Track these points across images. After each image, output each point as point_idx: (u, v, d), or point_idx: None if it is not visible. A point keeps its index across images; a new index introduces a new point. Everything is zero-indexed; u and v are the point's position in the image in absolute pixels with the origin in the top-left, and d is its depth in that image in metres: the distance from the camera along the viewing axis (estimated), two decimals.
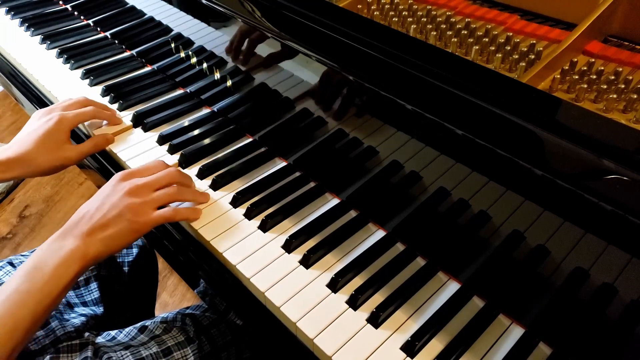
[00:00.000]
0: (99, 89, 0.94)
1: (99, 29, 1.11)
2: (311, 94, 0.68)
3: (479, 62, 0.66)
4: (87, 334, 0.68)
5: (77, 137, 0.87)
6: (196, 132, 0.83)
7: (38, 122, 0.75)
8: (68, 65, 1.00)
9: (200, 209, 0.69)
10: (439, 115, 0.53)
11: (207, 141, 0.80)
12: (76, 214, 0.61)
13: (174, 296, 1.49)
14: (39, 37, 1.07)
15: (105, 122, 0.84)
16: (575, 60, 0.62)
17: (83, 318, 0.72)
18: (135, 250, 0.89)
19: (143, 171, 0.66)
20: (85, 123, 0.83)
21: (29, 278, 0.54)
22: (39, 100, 0.98)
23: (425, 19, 0.72)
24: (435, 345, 0.55)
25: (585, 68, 0.61)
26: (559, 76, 0.61)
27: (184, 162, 0.77)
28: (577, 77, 0.59)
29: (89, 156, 0.83)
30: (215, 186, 0.73)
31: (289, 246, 0.64)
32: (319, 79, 0.66)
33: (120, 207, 0.60)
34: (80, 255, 0.57)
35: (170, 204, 0.67)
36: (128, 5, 1.00)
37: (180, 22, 0.87)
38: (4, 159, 0.70)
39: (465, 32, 0.69)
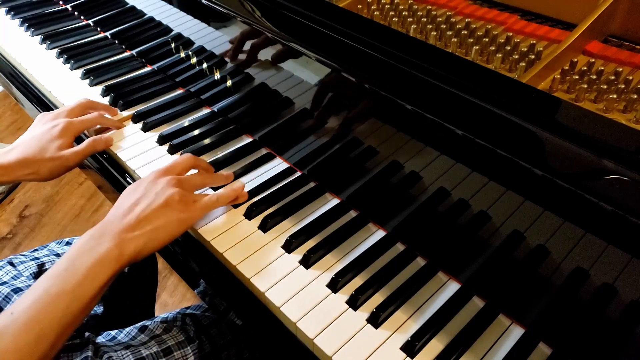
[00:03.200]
0: (99, 89, 0.94)
1: (99, 29, 1.11)
2: (311, 94, 0.68)
3: (479, 62, 0.66)
4: (87, 333, 0.68)
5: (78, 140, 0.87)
6: (196, 132, 0.83)
7: (43, 128, 0.75)
8: (68, 66, 1.00)
9: (245, 191, 0.70)
10: (439, 115, 0.53)
11: (207, 141, 0.80)
12: (111, 213, 0.57)
13: (174, 296, 1.49)
14: (39, 37, 1.08)
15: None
16: (575, 60, 0.62)
17: None
18: None
19: (175, 166, 0.65)
20: None
21: (60, 279, 0.50)
22: (39, 101, 0.98)
23: (425, 19, 0.72)
24: (436, 345, 0.55)
25: (585, 68, 0.61)
26: (559, 76, 0.61)
27: None
28: (577, 77, 0.60)
29: (89, 156, 0.83)
30: (215, 187, 0.72)
31: (289, 246, 0.64)
32: (319, 79, 0.66)
33: (166, 196, 0.57)
34: (116, 256, 0.53)
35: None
36: (128, 5, 1.00)
37: (180, 22, 0.87)
38: (5, 163, 0.70)
39: (465, 32, 0.69)
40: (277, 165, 0.77)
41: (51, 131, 0.73)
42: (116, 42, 1.07)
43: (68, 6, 1.19)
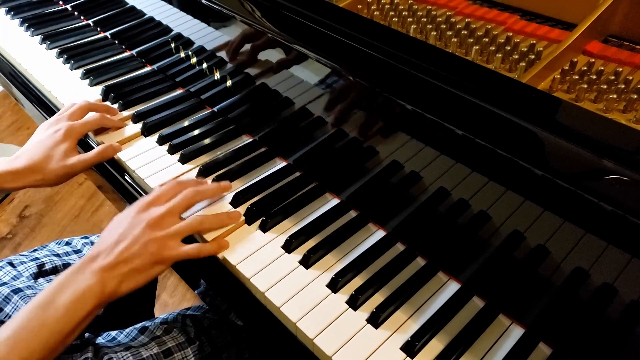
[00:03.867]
0: (99, 89, 0.94)
1: (99, 29, 1.11)
2: (311, 94, 0.68)
3: (479, 62, 0.66)
4: (87, 334, 0.68)
5: (81, 141, 0.87)
6: (196, 132, 0.83)
7: (46, 133, 0.75)
8: (68, 66, 1.00)
9: (227, 242, 0.64)
10: (439, 115, 0.53)
11: (207, 141, 0.80)
12: (96, 247, 0.58)
13: (174, 296, 1.49)
14: (39, 37, 1.07)
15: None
16: (575, 60, 0.62)
17: None
18: None
19: (161, 197, 0.63)
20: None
21: (42, 312, 0.52)
22: (39, 101, 0.98)
23: (425, 19, 0.72)
24: (435, 345, 0.55)
25: (585, 68, 0.61)
26: (559, 76, 0.61)
27: (184, 162, 0.77)
28: (577, 77, 0.60)
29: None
30: None
31: (289, 246, 0.64)
32: (319, 79, 0.66)
33: (143, 241, 0.57)
34: (97, 292, 0.54)
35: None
36: (128, 5, 1.00)
37: (180, 22, 0.87)
38: (13, 169, 0.70)
39: (465, 32, 0.69)
40: (277, 165, 0.77)
41: (54, 136, 0.74)
42: (116, 42, 1.07)
43: (68, 6, 1.18)
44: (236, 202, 0.70)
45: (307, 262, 0.62)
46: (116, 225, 0.60)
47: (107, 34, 1.09)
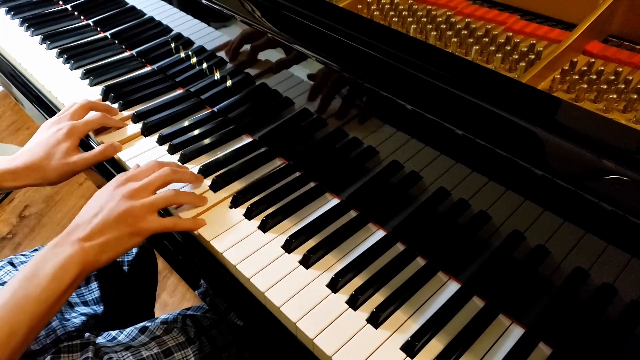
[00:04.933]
0: (99, 89, 0.94)
1: (99, 29, 1.11)
2: (311, 94, 0.68)
3: (479, 62, 0.66)
4: (87, 334, 0.68)
5: (81, 142, 0.87)
6: (196, 132, 0.83)
7: (47, 132, 0.75)
8: (68, 65, 1.00)
9: (204, 219, 0.67)
10: (439, 115, 0.53)
11: (207, 141, 0.80)
12: (74, 221, 0.60)
13: (174, 296, 1.49)
14: (39, 37, 1.07)
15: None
16: (575, 60, 0.62)
17: (83, 317, 0.72)
18: (134, 250, 0.89)
19: (138, 174, 0.66)
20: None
21: (26, 283, 0.54)
22: (39, 101, 0.98)
23: (425, 19, 0.72)
24: (435, 345, 0.55)
25: (585, 68, 0.61)
26: (559, 76, 0.61)
27: (184, 162, 0.77)
28: (577, 77, 0.59)
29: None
30: (215, 186, 0.73)
31: (289, 246, 0.64)
32: (319, 79, 0.66)
33: (118, 212, 0.59)
34: (78, 261, 0.56)
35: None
36: (128, 5, 1.00)
37: (180, 22, 0.87)
38: (14, 168, 0.70)
39: (465, 32, 0.69)
40: (277, 165, 0.77)
41: (56, 135, 0.74)
42: (116, 42, 1.07)
43: (68, 6, 1.18)
44: (236, 202, 0.70)
45: (307, 262, 0.62)
46: (94, 200, 0.63)
47: (107, 34, 1.09)
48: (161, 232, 0.63)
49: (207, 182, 0.74)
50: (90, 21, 1.13)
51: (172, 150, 0.79)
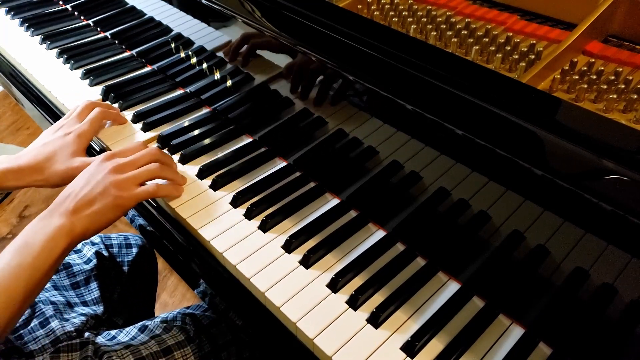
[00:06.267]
0: (99, 89, 0.94)
1: (99, 29, 1.11)
2: (311, 94, 0.68)
3: (479, 62, 0.66)
4: (87, 333, 0.68)
5: None
6: (196, 132, 0.83)
7: (54, 135, 0.75)
8: (68, 66, 1.00)
9: (182, 186, 0.72)
10: (439, 115, 0.53)
11: (207, 141, 0.80)
12: (62, 194, 0.63)
13: (174, 296, 1.49)
14: (39, 37, 1.08)
15: (109, 122, 0.85)
16: (575, 60, 0.62)
17: (83, 318, 0.72)
18: (134, 250, 0.89)
19: (125, 152, 0.69)
20: None
21: (19, 253, 0.56)
22: (39, 101, 0.98)
23: (425, 19, 0.72)
24: (435, 345, 0.55)
25: (585, 68, 0.61)
26: (559, 76, 0.61)
27: (184, 162, 0.77)
28: (577, 77, 0.60)
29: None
30: (215, 186, 0.73)
31: (289, 246, 0.64)
32: (319, 79, 0.66)
33: (104, 184, 0.62)
34: (67, 231, 0.59)
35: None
36: (128, 5, 1.00)
37: (180, 22, 0.87)
38: (16, 167, 0.70)
39: (465, 32, 0.69)
40: (277, 165, 0.77)
41: (64, 138, 0.74)
42: (116, 42, 1.07)
43: (68, 6, 1.19)
44: (236, 202, 0.70)
45: (307, 262, 0.62)
46: (82, 175, 0.65)
47: (107, 34, 1.09)
48: (144, 199, 0.66)
49: (207, 181, 0.74)
50: (90, 21, 1.13)
51: (172, 151, 0.79)
